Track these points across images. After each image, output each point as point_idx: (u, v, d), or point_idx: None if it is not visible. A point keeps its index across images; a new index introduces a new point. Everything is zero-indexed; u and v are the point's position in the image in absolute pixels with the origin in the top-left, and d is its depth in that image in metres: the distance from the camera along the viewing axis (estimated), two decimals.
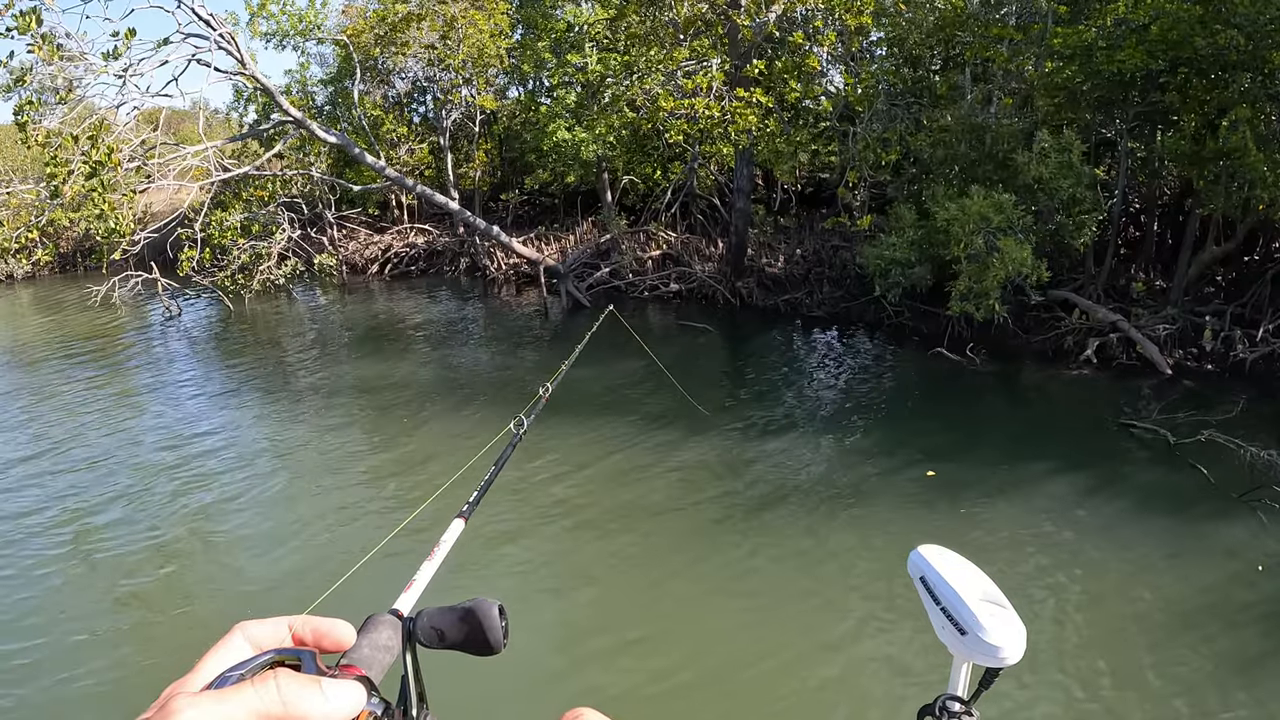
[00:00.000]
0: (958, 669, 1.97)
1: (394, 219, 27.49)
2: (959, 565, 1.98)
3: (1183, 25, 13.50)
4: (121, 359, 18.59)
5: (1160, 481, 10.53)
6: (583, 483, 10.76)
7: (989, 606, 1.85)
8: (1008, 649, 1.80)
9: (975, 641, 1.82)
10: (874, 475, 10.80)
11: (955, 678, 1.98)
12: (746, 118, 16.53)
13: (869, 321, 18.03)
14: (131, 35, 16.74)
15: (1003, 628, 1.81)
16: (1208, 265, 15.91)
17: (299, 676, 0.66)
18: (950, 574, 1.94)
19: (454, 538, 1.87)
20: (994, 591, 1.90)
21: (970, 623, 1.83)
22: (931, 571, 1.97)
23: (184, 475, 11.63)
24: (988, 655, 1.82)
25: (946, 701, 1.95)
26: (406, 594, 1.34)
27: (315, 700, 0.66)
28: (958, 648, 1.89)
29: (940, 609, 1.92)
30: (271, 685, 0.64)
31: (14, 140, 30.35)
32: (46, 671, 7.47)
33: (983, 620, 1.82)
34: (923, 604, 1.99)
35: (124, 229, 18.03)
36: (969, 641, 1.84)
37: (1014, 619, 1.83)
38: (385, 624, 0.96)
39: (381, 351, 18.02)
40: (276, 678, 0.65)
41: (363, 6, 25.32)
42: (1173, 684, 6.81)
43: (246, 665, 0.68)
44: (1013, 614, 1.84)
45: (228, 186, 21.93)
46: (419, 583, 1.44)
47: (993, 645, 1.80)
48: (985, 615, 1.83)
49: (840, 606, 8.03)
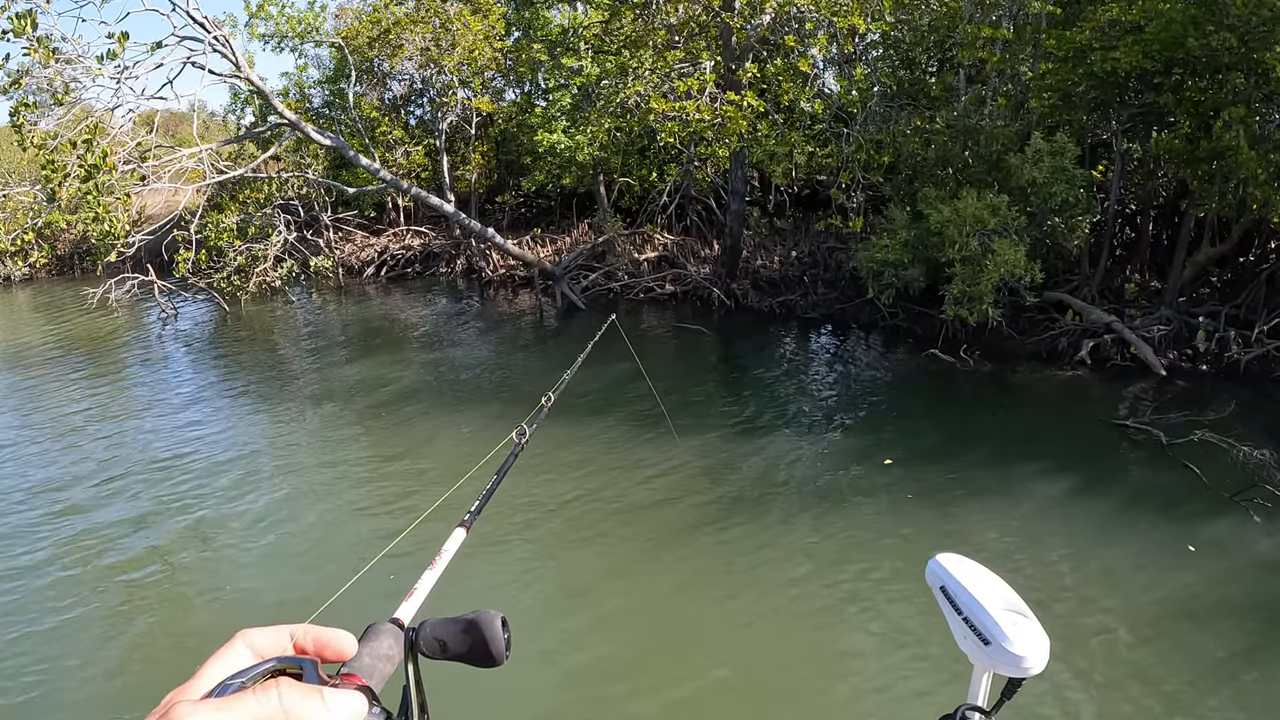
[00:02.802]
0: (978, 679, 1.96)
1: (390, 221, 27.47)
2: (980, 574, 1.97)
3: (1175, 26, 13.58)
4: (118, 361, 18.55)
5: (1152, 481, 10.60)
6: (583, 490, 10.73)
7: (1012, 616, 1.84)
8: (1032, 659, 1.80)
9: (999, 651, 1.82)
10: (866, 476, 10.83)
11: (975, 688, 1.97)
12: (737, 121, 16.57)
13: (864, 323, 18.08)
14: (125, 39, 16.74)
15: (1027, 637, 1.81)
16: (1203, 266, 15.99)
17: (300, 685, 0.67)
18: (971, 583, 1.94)
19: (455, 546, 1.87)
20: (1016, 600, 1.89)
21: (994, 632, 1.82)
22: (952, 581, 1.96)
23: (182, 480, 11.58)
24: (1011, 665, 1.82)
25: (967, 712, 1.94)
26: (407, 603, 1.35)
27: (316, 709, 0.66)
28: (980, 658, 1.88)
29: (962, 618, 1.91)
30: (273, 694, 0.64)
31: (9, 142, 30.34)
32: (44, 678, 7.45)
33: (1006, 630, 1.81)
34: (942, 613, 1.99)
35: (119, 232, 18.01)
36: (992, 651, 1.83)
37: (1037, 628, 1.83)
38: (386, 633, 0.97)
39: (378, 354, 17.98)
40: (278, 686, 0.65)
41: (357, 9, 25.32)
42: (1164, 682, 6.86)
43: (248, 673, 0.68)
44: (1035, 623, 1.84)
45: (224, 189, 21.90)
46: (420, 592, 1.45)
47: (1017, 655, 1.79)
48: (1009, 625, 1.82)
49: (847, 613, 8.04)
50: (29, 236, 20.50)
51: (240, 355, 18.75)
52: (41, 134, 16.81)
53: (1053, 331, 15.61)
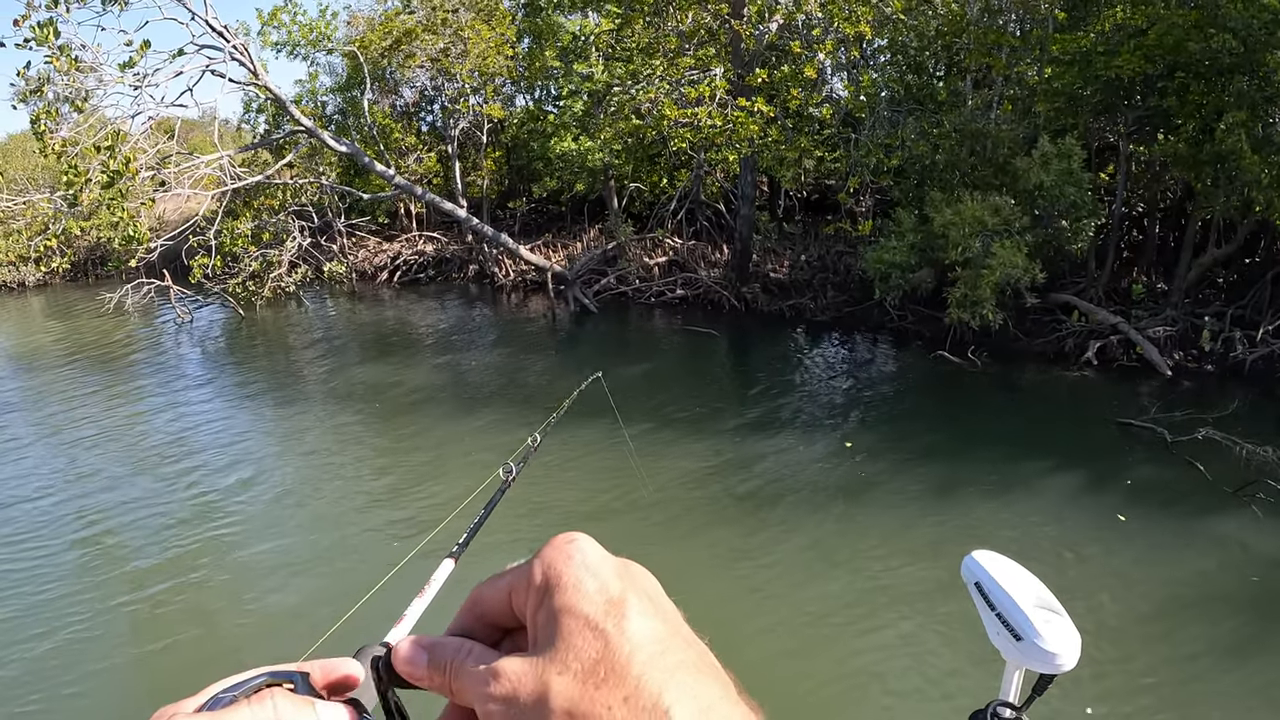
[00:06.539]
0: (1010, 675, 2.03)
1: (403, 227, 27.62)
2: (1014, 571, 2.04)
3: (1178, 30, 13.76)
4: (134, 366, 18.72)
5: (1157, 478, 10.80)
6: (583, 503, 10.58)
7: (1045, 613, 1.93)
8: (1064, 655, 1.89)
9: (1031, 648, 1.90)
10: (877, 476, 11.03)
11: (1007, 684, 2.04)
12: (748, 127, 16.77)
13: (872, 326, 18.27)
14: (146, 47, 16.96)
15: (1059, 634, 1.90)
16: (1208, 267, 16.16)
17: (293, 697, 0.67)
18: (1006, 579, 2.00)
19: (444, 576, 1.96)
20: (1049, 598, 1.97)
21: (1026, 629, 1.91)
22: (986, 577, 2.03)
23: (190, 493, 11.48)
24: (1044, 662, 1.90)
25: (998, 708, 1.98)
26: (397, 628, 1.43)
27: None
28: (1012, 654, 1.96)
29: (995, 614, 1.98)
30: (268, 704, 0.65)
31: (23, 150, 30.56)
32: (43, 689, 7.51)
33: (1039, 627, 1.90)
34: (976, 609, 2.06)
35: (142, 237, 18.21)
36: (1024, 648, 1.91)
37: (1069, 625, 1.92)
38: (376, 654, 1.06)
39: (391, 359, 18.10)
40: (272, 697, 0.66)
41: (370, 17, 25.50)
42: (1170, 673, 7.08)
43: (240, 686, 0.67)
44: (1068, 620, 1.93)
45: (238, 195, 22.10)
46: (409, 618, 1.56)
47: (1050, 652, 1.89)
48: (1041, 621, 1.91)
49: (873, 612, 8.15)
50: (51, 243, 20.71)
51: (255, 360, 18.94)
52: (62, 141, 16.99)
53: (1059, 333, 15.80)
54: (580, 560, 0.63)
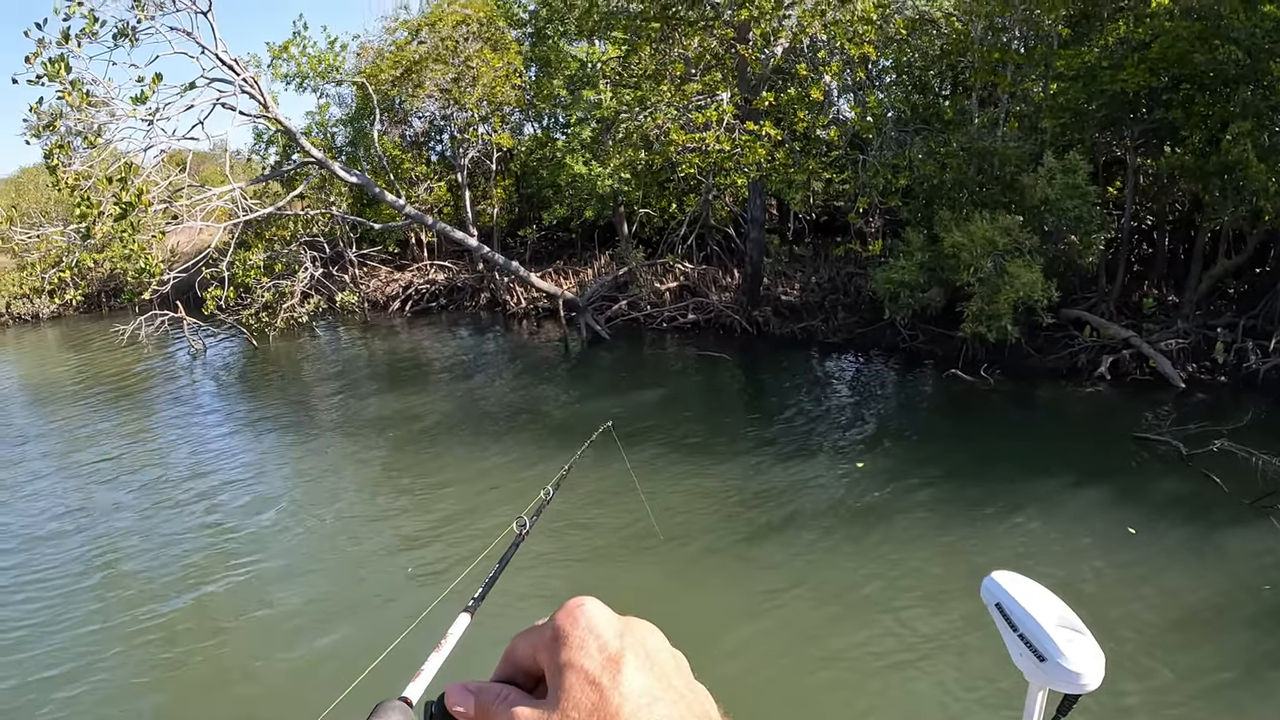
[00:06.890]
0: (1033, 696, 2.02)
1: (414, 256, 27.75)
2: (1035, 591, 2.03)
3: (1182, 43, 13.80)
4: (150, 399, 18.84)
5: (1173, 491, 10.78)
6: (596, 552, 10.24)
7: (1068, 632, 1.92)
8: (1088, 675, 1.88)
9: (1055, 668, 1.89)
10: (895, 497, 11.00)
11: (1031, 706, 2.02)
12: (756, 150, 16.84)
13: (884, 346, 18.25)
14: (158, 80, 17.13)
15: (1083, 653, 1.89)
16: (1219, 278, 16.13)
17: None
18: (1027, 600, 1.99)
19: (461, 630, 1.97)
20: (1071, 616, 1.96)
21: (1050, 649, 1.90)
22: (1007, 598, 2.02)
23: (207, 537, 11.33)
24: (1068, 682, 1.89)
25: None
26: (415, 682, 1.44)
27: None
28: (1035, 675, 1.95)
29: (1018, 635, 1.97)
30: None
31: (36, 184, 30.85)
32: None
33: (1063, 647, 1.89)
34: (998, 631, 2.05)
35: (155, 269, 18.33)
36: (1048, 668, 1.90)
37: (1093, 644, 1.91)
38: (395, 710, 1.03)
39: (406, 391, 18.07)
40: None
41: (379, 47, 25.74)
42: (1188, 685, 7.03)
43: None
44: (1091, 640, 1.92)
45: (250, 226, 22.25)
46: (427, 672, 1.56)
47: (1074, 672, 1.88)
48: (1065, 641, 1.90)
49: (894, 634, 8.12)
50: (65, 275, 20.88)
51: (268, 391, 19.02)
52: (75, 175, 17.13)
53: (1072, 348, 15.77)
54: (585, 622, 0.70)
